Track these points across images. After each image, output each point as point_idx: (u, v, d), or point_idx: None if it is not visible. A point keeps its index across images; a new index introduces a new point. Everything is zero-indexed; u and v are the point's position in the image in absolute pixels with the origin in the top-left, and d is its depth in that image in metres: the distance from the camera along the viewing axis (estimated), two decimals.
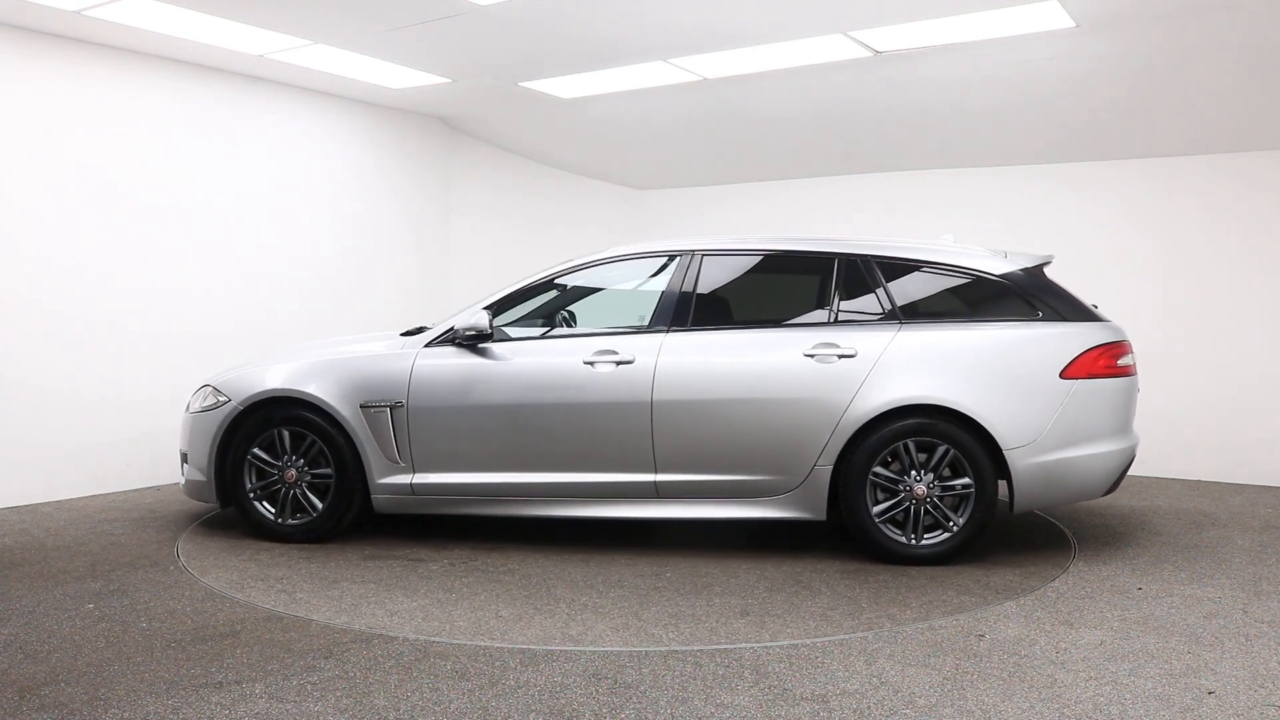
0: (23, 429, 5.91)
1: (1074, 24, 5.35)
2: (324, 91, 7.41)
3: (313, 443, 5.09)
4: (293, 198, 7.31)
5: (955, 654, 3.46)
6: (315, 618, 3.91)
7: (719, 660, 3.41)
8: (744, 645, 3.56)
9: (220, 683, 3.21)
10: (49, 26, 5.83)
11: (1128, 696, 3.09)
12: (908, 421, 4.61)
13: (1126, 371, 4.73)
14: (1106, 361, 4.64)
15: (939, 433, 4.59)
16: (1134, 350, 4.84)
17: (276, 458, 5.13)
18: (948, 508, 4.63)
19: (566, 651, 3.50)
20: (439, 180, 8.35)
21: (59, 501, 6.03)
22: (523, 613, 3.98)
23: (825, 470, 4.66)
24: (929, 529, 4.63)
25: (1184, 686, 3.17)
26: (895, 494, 4.64)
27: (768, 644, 3.57)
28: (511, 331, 5.12)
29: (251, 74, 6.92)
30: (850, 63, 6.14)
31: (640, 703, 3.05)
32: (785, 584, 4.35)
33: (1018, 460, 4.54)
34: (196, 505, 5.94)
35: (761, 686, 3.17)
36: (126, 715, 2.97)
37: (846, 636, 3.65)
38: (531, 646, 3.55)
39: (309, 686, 3.18)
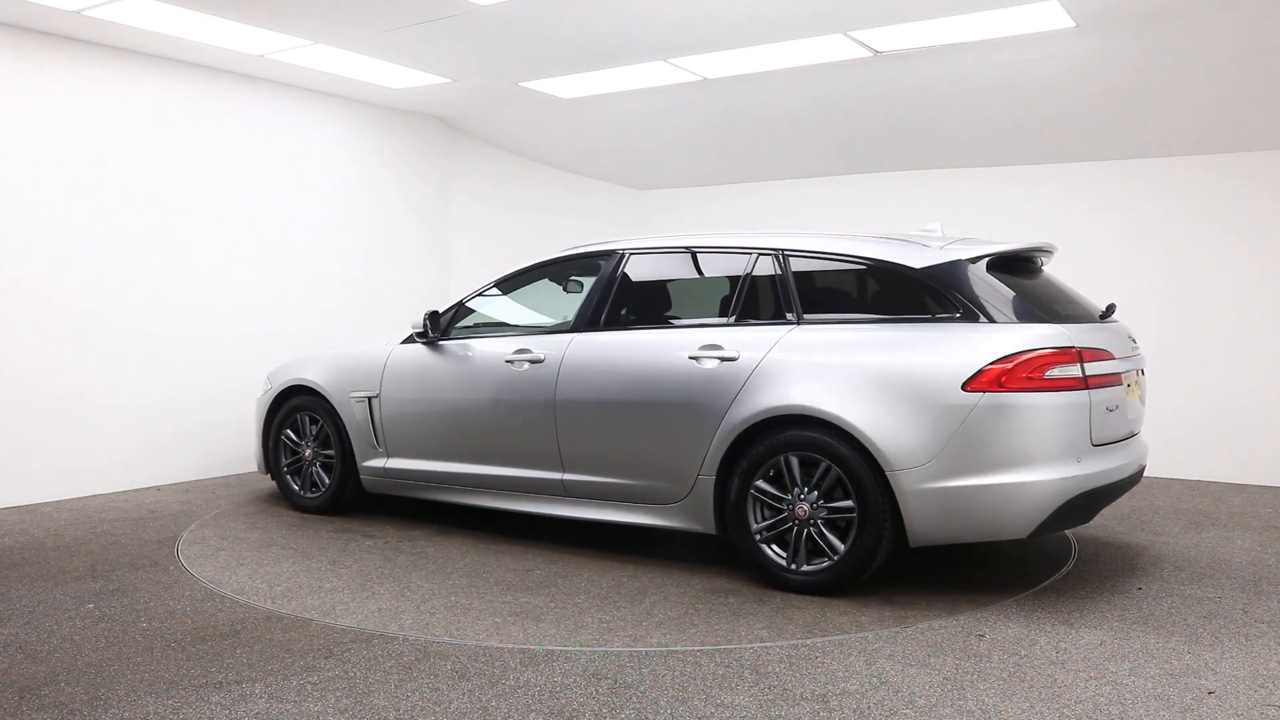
0: (23, 429, 5.91)
1: (1074, 24, 5.35)
2: (324, 91, 7.41)
3: (321, 426, 5.72)
4: (294, 198, 7.31)
5: (955, 654, 3.46)
6: (197, 574, 4.43)
7: (719, 660, 3.41)
8: (744, 645, 3.56)
9: (220, 683, 3.21)
10: (48, 26, 5.83)
11: (1128, 696, 3.09)
12: (788, 433, 4.15)
13: (1067, 385, 3.91)
14: (1028, 373, 3.84)
15: (821, 448, 4.07)
16: (1099, 360, 4.07)
17: (301, 439, 5.82)
18: (835, 532, 4.10)
19: (566, 651, 3.50)
20: (439, 180, 8.35)
21: (59, 501, 6.03)
22: (353, 585, 4.36)
23: (709, 481, 4.35)
24: (817, 553, 4.15)
25: (1184, 686, 3.17)
26: (780, 512, 4.20)
27: (768, 644, 3.57)
28: (466, 330, 5.36)
29: (251, 74, 6.92)
30: (850, 63, 6.14)
31: (640, 703, 3.05)
32: (624, 591, 4.24)
33: (905, 485, 3.91)
34: (196, 505, 5.96)
35: (761, 686, 3.17)
36: (126, 715, 2.97)
37: (846, 636, 3.65)
38: (532, 647, 3.55)
39: (309, 686, 3.18)
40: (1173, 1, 5.08)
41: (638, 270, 4.93)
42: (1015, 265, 4.41)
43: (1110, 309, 4.57)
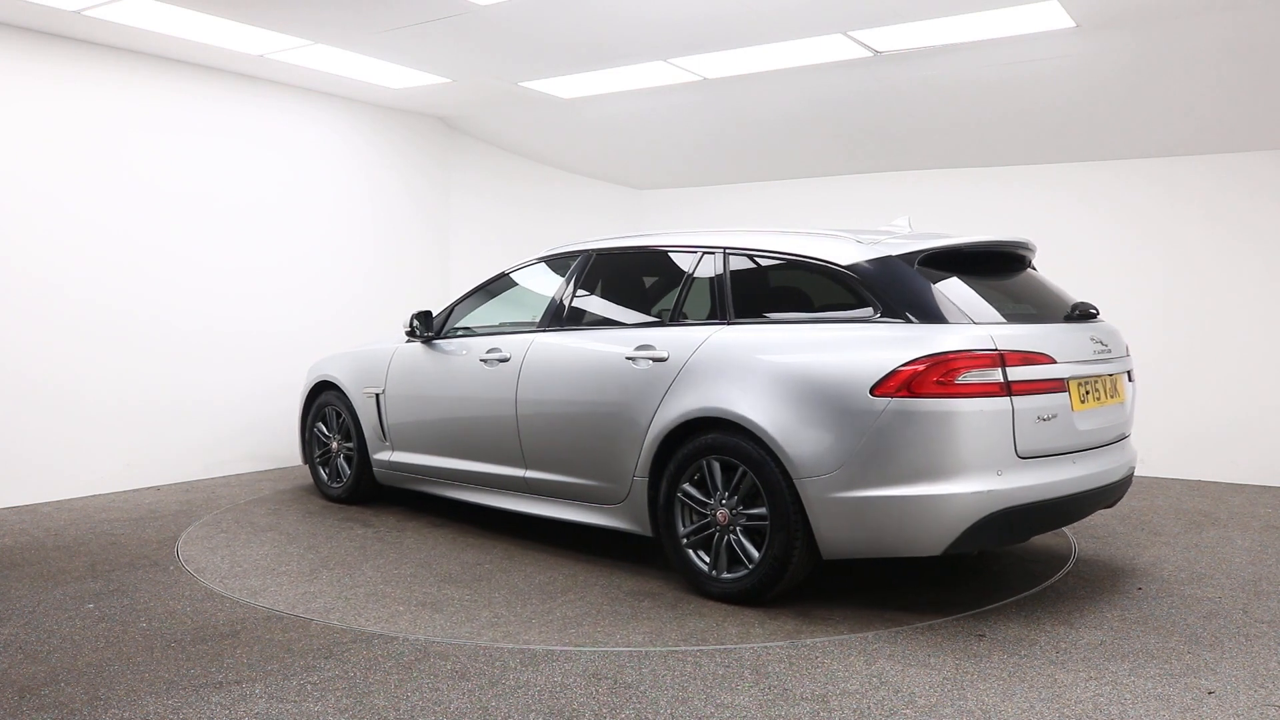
0: (23, 429, 5.91)
1: (1074, 24, 5.35)
2: (324, 91, 7.41)
3: (344, 420, 6.01)
4: (293, 198, 7.31)
5: (955, 654, 3.46)
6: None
7: (719, 660, 3.41)
8: (744, 645, 3.56)
9: (220, 683, 3.21)
10: (48, 26, 5.83)
11: (1128, 696, 3.09)
12: (709, 436, 4.04)
13: (985, 391, 3.59)
14: (939, 376, 3.56)
15: (738, 452, 3.94)
16: (1032, 364, 3.73)
17: (330, 432, 6.13)
18: (753, 540, 3.96)
19: (567, 651, 3.50)
20: (440, 180, 8.35)
21: (59, 501, 6.03)
22: (303, 570, 4.56)
23: (643, 483, 4.29)
24: (739, 562, 4.01)
25: (1184, 686, 3.17)
26: (705, 516, 4.10)
27: (768, 644, 3.57)
28: (457, 329, 5.47)
29: (251, 74, 6.92)
30: (850, 63, 6.14)
31: (640, 703, 3.05)
32: (548, 589, 4.25)
33: (811, 493, 3.73)
34: (196, 505, 5.96)
35: (761, 686, 3.17)
36: (126, 715, 2.97)
37: (847, 636, 3.65)
38: (532, 647, 3.55)
39: (309, 686, 3.18)
40: (1173, 1, 5.08)
41: (599, 270, 4.94)
42: (992, 263, 4.18)
43: (1078, 308, 4.19)
